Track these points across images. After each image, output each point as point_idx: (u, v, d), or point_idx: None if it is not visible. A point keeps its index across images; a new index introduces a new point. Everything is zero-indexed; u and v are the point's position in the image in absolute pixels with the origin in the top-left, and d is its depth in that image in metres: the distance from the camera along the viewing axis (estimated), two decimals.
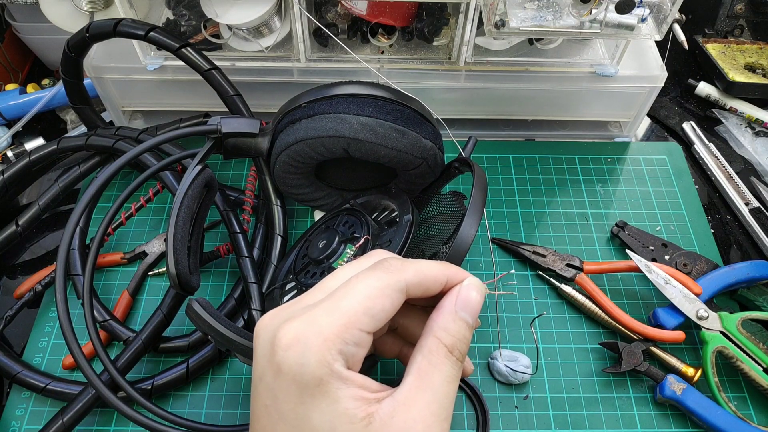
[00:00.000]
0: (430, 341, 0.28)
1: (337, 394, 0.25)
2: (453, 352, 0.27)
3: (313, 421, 0.25)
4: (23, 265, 0.54)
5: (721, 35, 0.70)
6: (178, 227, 0.38)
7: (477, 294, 0.29)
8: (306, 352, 0.25)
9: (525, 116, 0.62)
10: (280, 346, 0.26)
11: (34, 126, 0.63)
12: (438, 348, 0.27)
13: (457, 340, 0.28)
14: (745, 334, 0.45)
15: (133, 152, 0.41)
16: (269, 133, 0.45)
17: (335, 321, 0.26)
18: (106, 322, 0.46)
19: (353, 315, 0.26)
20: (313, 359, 0.25)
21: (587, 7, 0.46)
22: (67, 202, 0.56)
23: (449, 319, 0.28)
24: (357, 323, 0.26)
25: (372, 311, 0.26)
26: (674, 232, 0.55)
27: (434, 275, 0.29)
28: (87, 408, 0.42)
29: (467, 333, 0.28)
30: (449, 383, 0.27)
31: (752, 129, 0.63)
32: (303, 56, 0.54)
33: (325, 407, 0.25)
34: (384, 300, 0.27)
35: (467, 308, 0.29)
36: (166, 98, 0.59)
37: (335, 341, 0.25)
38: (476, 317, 0.29)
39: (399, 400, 0.26)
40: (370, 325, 0.26)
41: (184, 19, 0.53)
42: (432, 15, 0.53)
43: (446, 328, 0.28)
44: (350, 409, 0.25)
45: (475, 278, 0.30)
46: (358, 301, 0.26)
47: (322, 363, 0.25)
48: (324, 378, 0.25)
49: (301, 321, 0.26)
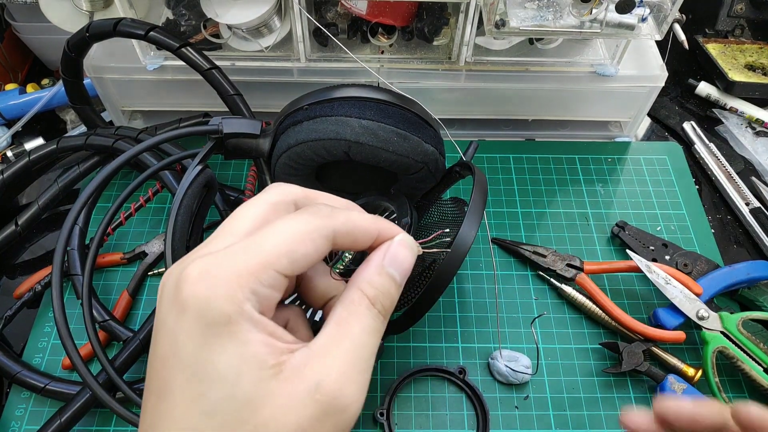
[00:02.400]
0: (352, 292, 0.26)
1: (246, 336, 0.23)
2: (375, 305, 0.26)
3: (217, 364, 0.22)
4: (23, 265, 0.54)
5: (721, 35, 0.70)
6: (177, 227, 0.38)
7: (407, 251, 0.28)
8: (215, 286, 0.23)
9: (525, 116, 0.62)
10: (186, 281, 0.23)
11: (33, 126, 0.63)
12: (360, 299, 0.26)
13: (380, 293, 0.26)
14: (745, 334, 0.45)
15: (132, 151, 0.41)
16: (270, 134, 0.45)
17: (251, 258, 0.24)
18: (106, 323, 0.46)
19: (273, 255, 0.24)
20: (222, 293, 0.23)
21: (587, 6, 0.46)
22: (67, 201, 0.56)
23: (375, 272, 0.27)
24: (275, 264, 0.24)
25: (294, 255, 0.25)
26: (675, 232, 0.55)
27: (365, 227, 0.28)
28: (84, 408, 0.42)
29: (393, 289, 0.27)
30: (369, 334, 0.26)
31: (752, 129, 0.63)
32: (303, 56, 0.54)
33: (232, 350, 0.23)
34: (308, 245, 0.25)
35: (395, 264, 0.27)
36: (166, 98, 0.59)
37: (249, 278, 0.23)
38: (405, 275, 0.28)
39: (314, 350, 0.24)
40: (288, 268, 0.24)
41: (184, 19, 0.53)
42: (432, 15, 0.53)
43: (371, 280, 0.27)
44: (260, 354, 0.23)
45: (408, 235, 0.29)
46: (281, 241, 0.25)
47: (232, 299, 0.23)
48: (233, 317, 0.23)
49: (213, 256, 0.24)
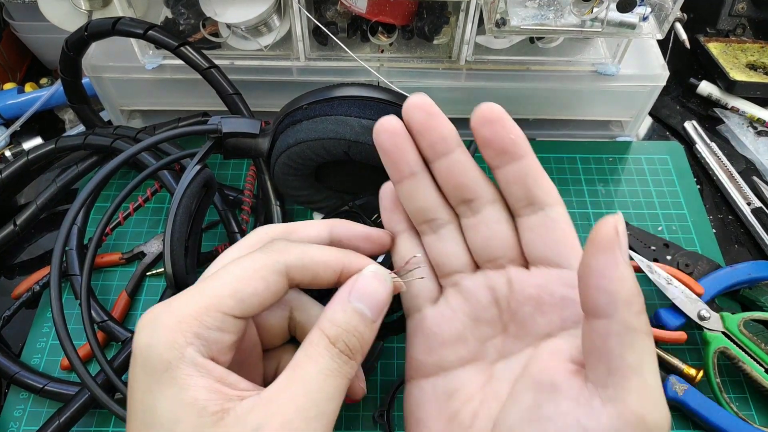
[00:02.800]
0: (312, 333, 0.24)
1: (186, 382, 0.22)
2: (336, 344, 0.24)
3: (157, 410, 0.22)
4: (21, 265, 0.54)
5: (722, 34, 0.70)
6: (176, 227, 0.38)
7: (378, 283, 0.26)
8: (155, 333, 0.23)
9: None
10: (137, 328, 0.23)
11: (32, 125, 0.62)
12: (319, 339, 0.24)
13: (343, 332, 0.24)
14: (746, 334, 0.45)
15: (130, 151, 0.40)
16: (270, 133, 0.45)
17: (195, 302, 0.23)
18: (104, 323, 0.46)
19: (216, 297, 0.23)
20: (162, 340, 0.22)
21: (588, 5, 0.46)
22: (66, 201, 0.56)
23: (338, 309, 0.25)
24: (220, 305, 0.23)
25: (240, 294, 0.24)
26: (676, 232, 0.55)
27: (324, 260, 0.26)
28: (83, 409, 0.42)
29: (361, 325, 0.25)
30: (326, 377, 0.23)
31: (754, 128, 0.63)
32: (302, 55, 0.54)
33: (170, 395, 0.22)
34: (256, 282, 0.24)
35: (363, 298, 0.25)
36: (165, 97, 0.59)
37: (191, 323, 0.23)
38: (379, 309, 0.25)
39: (263, 396, 0.23)
40: (236, 308, 0.24)
41: (183, 18, 0.53)
42: (432, 13, 0.53)
43: (332, 318, 0.24)
44: (200, 400, 0.22)
45: (378, 266, 0.27)
46: (226, 282, 0.24)
47: (172, 345, 0.22)
48: (173, 362, 0.22)
49: (162, 303, 0.24)
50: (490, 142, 0.26)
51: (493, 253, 0.28)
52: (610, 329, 0.22)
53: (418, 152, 0.28)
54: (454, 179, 0.27)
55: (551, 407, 0.23)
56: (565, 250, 0.26)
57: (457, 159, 0.27)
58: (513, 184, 0.27)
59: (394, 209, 0.30)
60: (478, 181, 0.27)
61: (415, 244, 0.29)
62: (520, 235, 0.27)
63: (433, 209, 0.28)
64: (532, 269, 0.27)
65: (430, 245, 0.29)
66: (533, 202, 0.26)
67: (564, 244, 0.26)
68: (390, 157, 0.28)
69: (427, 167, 0.28)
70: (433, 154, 0.27)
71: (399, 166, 0.28)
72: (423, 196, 0.28)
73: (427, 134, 0.27)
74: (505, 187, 0.27)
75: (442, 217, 0.28)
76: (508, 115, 0.26)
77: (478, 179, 0.27)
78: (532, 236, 0.27)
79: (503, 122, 0.26)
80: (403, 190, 0.28)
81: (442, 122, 0.27)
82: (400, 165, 0.28)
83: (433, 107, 0.27)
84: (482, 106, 0.26)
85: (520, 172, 0.26)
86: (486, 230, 0.27)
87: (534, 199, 0.26)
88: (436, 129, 0.27)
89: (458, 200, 0.28)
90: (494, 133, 0.26)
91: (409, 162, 0.28)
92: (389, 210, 0.30)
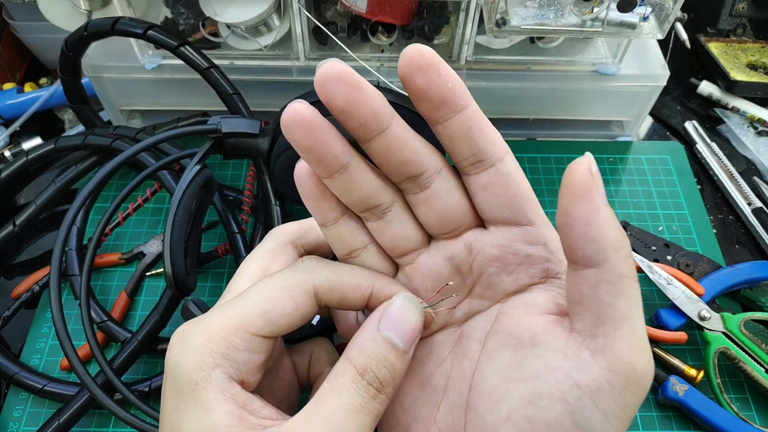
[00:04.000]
0: (339, 363, 0.23)
1: (210, 405, 0.22)
2: (364, 376, 0.22)
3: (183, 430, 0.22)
4: (20, 266, 0.53)
5: (723, 34, 0.70)
6: (176, 227, 0.38)
7: (409, 311, 0.24)
8: (184, 351, 0.23)
9: (526, 115, 0.61)
10: (169, 345, 0.24)
11: (31, 125, 0.62)
12: (345, 370, 0.22)
13: (372, 362, 0.22)
14: (747, 335, 0.45)
15: (130, 151, 0.40)
16: (269, 133, 0.45)
17: (224, 321, 0.23)
18: (104, 323, 0.46)
19: (246, 317, 0.23)
20: (190, 359, 0.22)
21: (589, 5, 0.46)
22: (65, 201, 0.56)
23: (367, 337, 0.23)
24: (249, 326, 0.23)
25: (269, 314, 0.23)
26: (676, 233, 0.54)
27: (354, 283, 0.25)
28: (83, 409, 0.41)
29: (391, 356, 0.23)
30: (347, 413, 0.22)
31: (754, 128, 0.63)
32: (302, 55, 0.54)
33: (195, 417, 0.22)
34: (285, 302, 0.23)
35: (393, 326, 0.23)
36: (165, 97, 0.59)
37: (220, 343, 0.22)
38: (411, 339, 0.24)
39: (284, 428, 0.22)
40: (265, 329, 0.23)
41: (183, 18, 0.53)
42: (432, 13, 0.53)
43: (361, 347, 0.23)
44: (221, 426, 0.21)
45: (410, 293, 0.25)
46: (255, 301, 0.23)
47: (200, 365, 0.22)
48: (199, 383, 0.22)
49: (194, 320, 0.24)
50: (426, 93, 0.22)
51: (450, 225, 0.25)
52: (601, 278, 0.21)
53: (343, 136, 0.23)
54: (395, 157, 0.23)
55: (537, 363, 0.22)
56: (524, 205, 0.24)
57: (395, 134, 0.23)
58: (458, 141, 0.23)
59: (322, 196, 0.25)
60: (422, 153, 0.24)
61: (355, 228, 0.26)
62: (472, 195, 0.24)
63: (375, 195, 0.24)
64: (491, 228, 0.25)
65: (378, 230, 0.26)
66: (482, 158, 0.23)
67: (521, 199, 0.24)
68: (311, 154, 0.23)
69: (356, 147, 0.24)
70: (365, 134, 0.23)
71: (325, 161, 0.23)
72: (360, 185, 0.24)
73: (355, 113, 0.22)
74: (448, 144, 0.23)
75: (385, 201, 0.25)
76: (441, 59, 0.22)
77: (421, 150, 0.24)
78: (486, 196, 0.24)
79: (438, 68, 0.22)
80: (336, 186, 0.24)
81: (369, 93, 0.22)
82: (326, 161, 0.23)
83: (354, 76, 0.21)
84: (409, 48, 0.21)
85: (464, 125, 0.23)
86: (439, 204, 0.24)
87: (483, 154, 0.23)
88: (366, 104, 0.22)
89: (402, 178, 0.24)
90: (429, 81, 0.22)
91: (337, 155, 0.23)
92: (315, 198, 0.25)
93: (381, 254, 0.26)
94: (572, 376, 0.21)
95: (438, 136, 0.24)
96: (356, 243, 0.26)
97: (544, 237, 0.25)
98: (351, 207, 0.25)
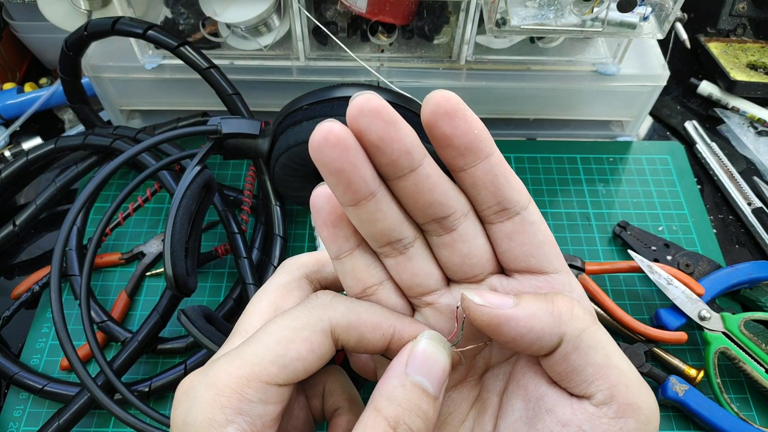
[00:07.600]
0: (365, 415, 0.21)
1: None
2: (397, 428, 0.20)
3: None
4: (20, 266, 0.53)
5: (723, 34, 0.70)
6: (176, 228, 0.38)
7: (437, 352, 0.22)
8: (192, 408, 0.21)
9: (526, 115, 0.61)
10: (176, 398, 0.22)
11: (31, 125, 0.62)
12: (375, 423, 0.20)
13: (404, 411, 0.20)
14: (747, 334, 0.45)
15: (130, 151, 0.40)
16: (270, 134, 0.45)
17: (233, 371, 0.21)
18: (104, 323, 0.46)
19: (257, 364, 0.21)
20: (199, 417, 0.20)
21: (589, 5, 0.46)
22: (65, 201, 0.56)
23: (396, 383, 0.21)
24: (262, 374, 0.21)
25: (283, 359, 0.21)
26: (676, 233, 0.54)
27: (373, 321, 0.23)
28: (83, 410, 0.41)
29: (423, 403, 0.21)
30: None
31: (754, 128, 0.63)
32: (302, 55, 0.54)
33: None
34: (300, 345, 0.21)
35: (423, 369, 0.21)
36: (165, 97, 0.59)
37: (231, 396, 0.20)
38: (440, 383, 0.22)
39: None
40: (280, 376, 0.21)
41: (183, 18, 0.53)
42: (432, 13, 0.53)
43: (390, 395, 0.21)
44: None
45: (434, 331, 0.23)
46: (266, 346, 0.21)
47: (210, 423, 0.20)
48: None
49: (199, 371, 0.22)
50: (451, 139, 0.21)
51: (472, 271, 0.24)
52: (566, 351, 0.21)
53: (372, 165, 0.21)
54: (423, 198, 0.22)
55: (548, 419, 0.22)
56: (549, 253, 0.23)
57: (425, 174, 0.22)
58: (482, 189, 0.22)
59: (338, 223, 0.23)
60: (450, 195, 0.22)
61: (371, 263, 0.24)
62: (495, 243, 0.24)
63: (399, 229, 0.23)
64: (516, 276, 0.24)
65: (398, 267, 0.24)
66: (507, 206, 0.23)
67: (546, 247, 0.23)
68: (340, 177, 0.21)
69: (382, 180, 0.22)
70: (394, 172, 0.21)
71: (354, 187, 0.21)
72: (386, 215, 0.22)
73: (387, 150, 0.21)
74: (472, 192, 0.23)
75: (408, 236, 0.23)
76: (466, 105, 0.21)
77: (450, 192, 0.22)
78: (511, 245, 0.23)
79: (465, 114, 0.21)
80: (360, 214, 0.22)
81: (404, 130, 0.21)
82: (355, 186, 0.21)
83: (391, 111, 0.21)
84: (435, 94, 0.21)
85: (489, 173, 0.22)
86: (464, 248, 0.23)
87: (507, 203, 0.22)
88: (400, 141, 0.21)
89: (427, 219, 0.23)
90: (455, 128, 0.21)
91: (367, 180, 0.21)
92: (333, 224, 0.23)
93: (398, 293, 0.25)
94: (585, 429, 0.21)
95: (461, 183, 0.23)
96: (371, 279, 0.24)
97: (570, 284, 0.24)
98: (371, 239, 0.23)
